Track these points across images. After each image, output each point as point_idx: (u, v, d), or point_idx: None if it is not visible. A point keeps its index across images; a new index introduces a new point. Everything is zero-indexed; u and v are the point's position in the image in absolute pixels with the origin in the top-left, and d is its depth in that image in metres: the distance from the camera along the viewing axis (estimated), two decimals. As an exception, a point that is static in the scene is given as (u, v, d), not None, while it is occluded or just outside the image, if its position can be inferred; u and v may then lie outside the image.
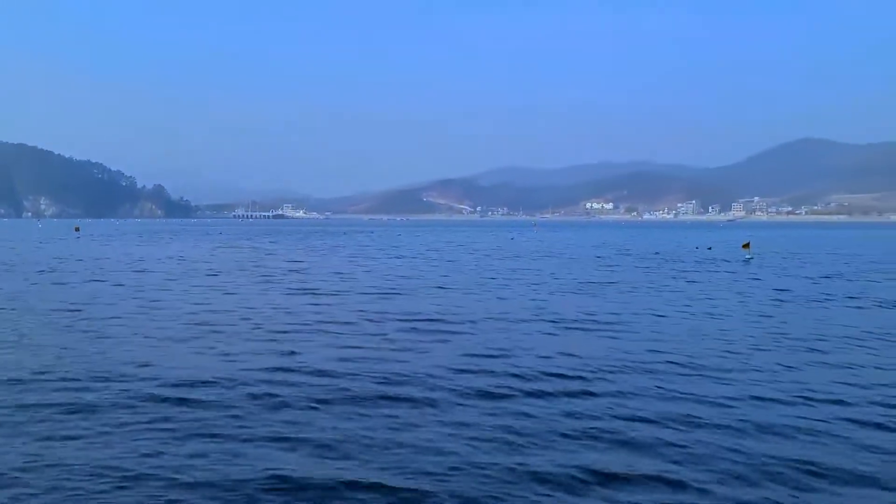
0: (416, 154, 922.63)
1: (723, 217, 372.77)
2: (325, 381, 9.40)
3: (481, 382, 9.33)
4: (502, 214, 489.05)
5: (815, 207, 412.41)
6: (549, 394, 8.77)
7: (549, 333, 13.34)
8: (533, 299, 18.65)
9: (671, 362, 10.62)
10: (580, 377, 9.64)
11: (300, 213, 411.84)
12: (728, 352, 11.53)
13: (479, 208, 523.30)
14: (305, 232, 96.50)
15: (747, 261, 35.14)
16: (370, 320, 14.76)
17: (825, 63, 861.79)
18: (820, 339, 12.69)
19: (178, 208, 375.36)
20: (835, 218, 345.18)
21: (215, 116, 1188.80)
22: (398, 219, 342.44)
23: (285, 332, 13.25)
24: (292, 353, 11.21)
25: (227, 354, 11.13)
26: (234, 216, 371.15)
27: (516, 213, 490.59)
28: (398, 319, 14.87)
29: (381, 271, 28.46)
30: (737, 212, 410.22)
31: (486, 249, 47.79)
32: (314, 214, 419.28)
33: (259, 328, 13.73)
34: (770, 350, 11.72)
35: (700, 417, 7.77)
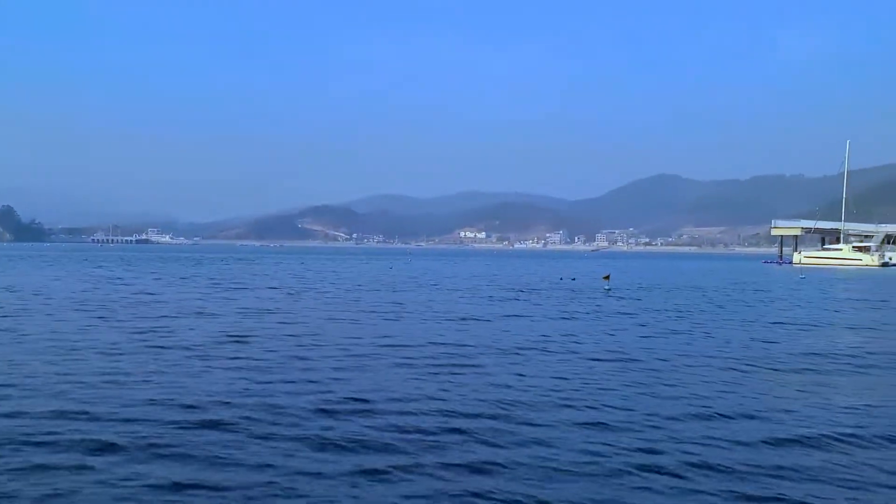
0: (292, 179, 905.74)
1: (588, 247, 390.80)
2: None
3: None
4: (378, 242, 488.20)
5: (669, 239, 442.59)
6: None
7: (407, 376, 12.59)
8: (385, 334, 17.90)
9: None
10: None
11: (166, 238, 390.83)
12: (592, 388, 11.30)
13: (355, 235, 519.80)
14: (166, 258, 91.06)
15: (606, 292, 36.21)
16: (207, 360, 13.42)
17: (679, 106, 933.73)
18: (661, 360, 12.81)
19: (28, 232, 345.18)
20: (686, 249, 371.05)
21: (78, 133, 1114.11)
22: (271, 245, 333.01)
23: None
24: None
25: None
26: (93, 240, 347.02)
27: (392, 240, 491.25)
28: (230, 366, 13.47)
29: (236, 306, 26.75)
30: (600, 242, 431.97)
31: (356, 279, 46.72)
32: (182, 240, 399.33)
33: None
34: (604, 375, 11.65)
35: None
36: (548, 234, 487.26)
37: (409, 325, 20.13)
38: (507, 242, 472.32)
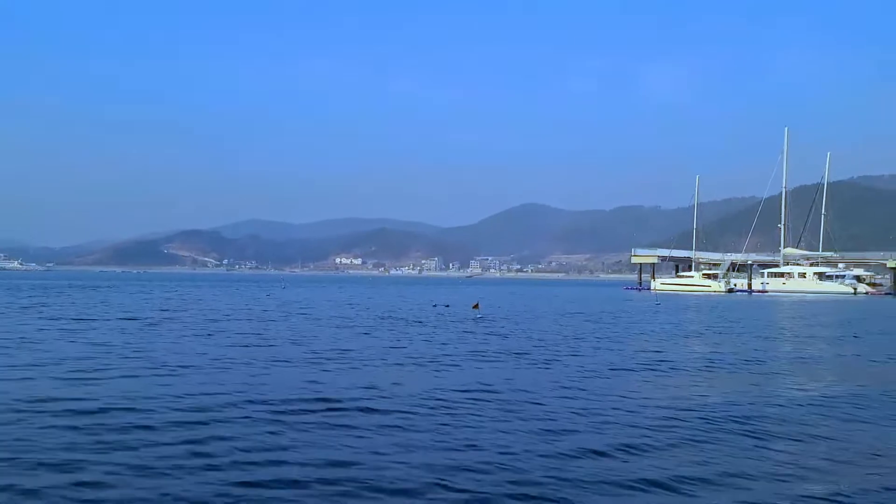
0: (158, 202, 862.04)
1: (462, 274, 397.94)
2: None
3: None
4: (250, 269, 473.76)
5: (539, 266, 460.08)
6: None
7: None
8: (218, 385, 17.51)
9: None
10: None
11: (14, 264, 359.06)
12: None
13: (225, 261, 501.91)
14: (10, 286, 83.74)
15: (477, 320, 37.14)
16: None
17: (549, 138, 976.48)
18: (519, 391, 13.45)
19: None
20: (554, 276, 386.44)
21: None
22: (134, 271, 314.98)
23: None
24: None
25: None
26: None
27: (265, 266, 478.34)
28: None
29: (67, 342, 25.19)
30: (474, 269, 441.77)
31: (219, 309, 45.18)
32: (33, 265, 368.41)
33: None
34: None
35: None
36: (423, 261, 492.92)
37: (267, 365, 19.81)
38: (383, 269, 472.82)
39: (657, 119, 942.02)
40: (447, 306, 50.16)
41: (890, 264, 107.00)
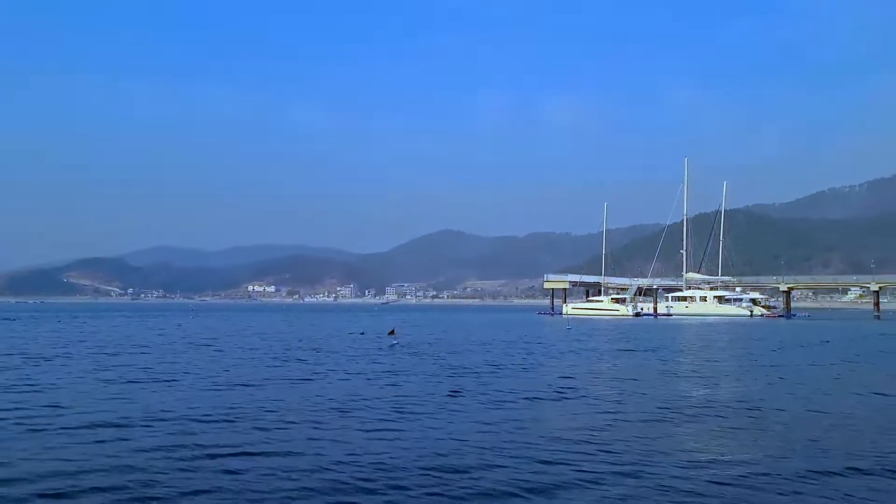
0: (57, 229, 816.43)
1: (378, 300, 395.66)
2: None
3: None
4: (158, 297, 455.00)
5: (455, 292, 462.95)
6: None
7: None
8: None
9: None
10: None
11: None
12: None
13: (130, 290, 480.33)
14: None
15: (392, 346, 37.18)
16: None
17: (460, 165, 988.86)
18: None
19: None
20: (470, 301, 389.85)
21: None
22: (30, 301, 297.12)
23: None
24: None
25: None
26: None
27: (173, 295, 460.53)
28: None
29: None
30: (390, 295, 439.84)
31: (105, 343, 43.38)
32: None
33: None
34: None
35: None
36: (339, 288, 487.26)
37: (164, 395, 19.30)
38: (297, 296, 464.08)
39: (566, 148, 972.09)
40: (362, 333, 49.99)
41: (782, 288, 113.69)
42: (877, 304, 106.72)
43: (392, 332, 44.77)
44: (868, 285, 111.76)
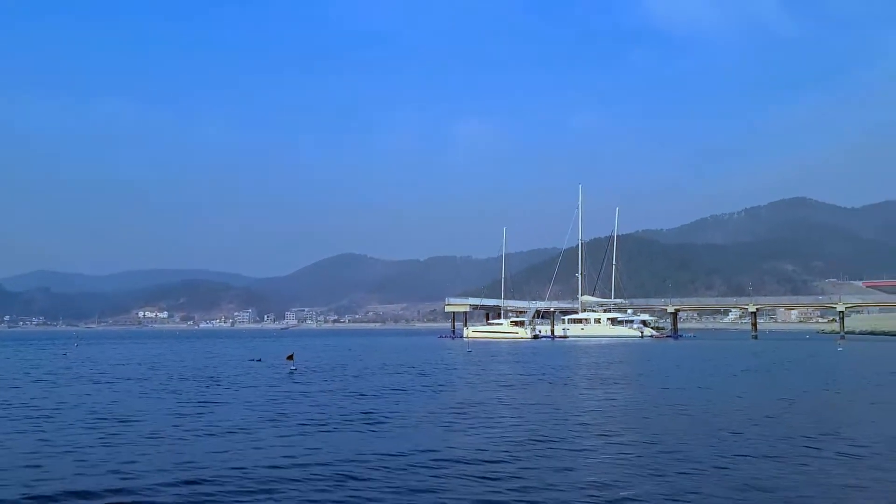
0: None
1: (277, 325, 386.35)
2: None
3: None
4: (38, 324, 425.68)
5: (357, 316, 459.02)
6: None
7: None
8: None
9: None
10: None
11: None
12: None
13: (7, 317, 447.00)
14: None
15: (291, 372, 36.55)
16: None
17: (360, 186, 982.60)
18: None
19: None
20: (372, 325, 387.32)
21: None
22: None
23: None
24: None
25: None
26: None
27: (55, 322, 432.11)
28: None
29: None
30: (290, 321, 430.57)
31: None
32: None
33: None
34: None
35: None
36: (236, 313, 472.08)
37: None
38: (191, 322, 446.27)
39: (468, 172, 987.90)
40: (259, 360, 48.84)
41: (670, 309, 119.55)
42: (754, 324, 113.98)
43: (290, 358, 43.82)
44: (747, 307, 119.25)
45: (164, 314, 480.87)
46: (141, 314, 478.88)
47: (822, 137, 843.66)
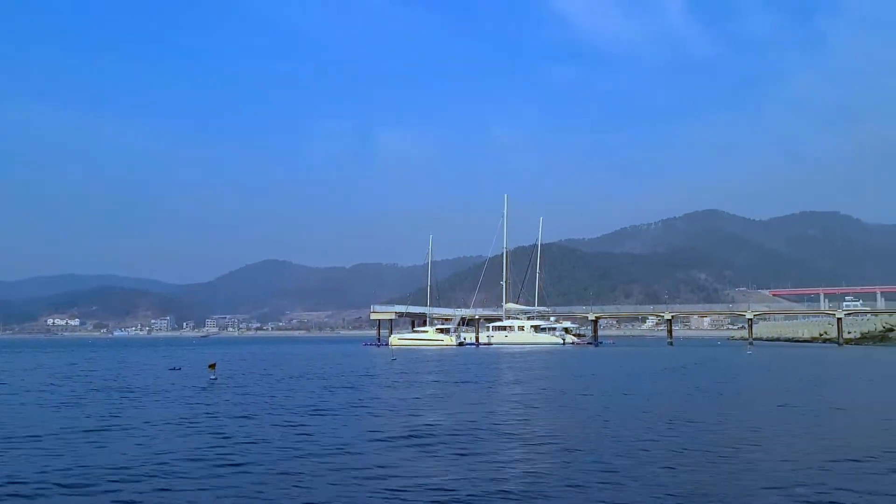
0: None
1: (197, 333, 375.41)
2: None
3: None
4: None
5: (280, 324, 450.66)
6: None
7: None
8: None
9: None
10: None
11: None
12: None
13: None
14: None
15: (212, 382, 35.83)
16: None
17: (286, 192, 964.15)
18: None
19: None
20: (296, 333, 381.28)
21: None
22: None
23: None
24: None
25: None
26: None
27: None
28: None
29: None
30: (210, 328, 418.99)
31: None
32: None
33: None
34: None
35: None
36: (153, 321, 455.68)
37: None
38: (105, 330, 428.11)
39: (395, 180, 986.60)
40: (179, 369, 47.61)
41: (591, 317, 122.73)
42: (670, 331, 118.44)
43: (212, 367, 42.94)
44: (663, 315, 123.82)
45: (76, 321, 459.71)
46: (50, 321, 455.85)
47: (734, 154, 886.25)
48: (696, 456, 14.23)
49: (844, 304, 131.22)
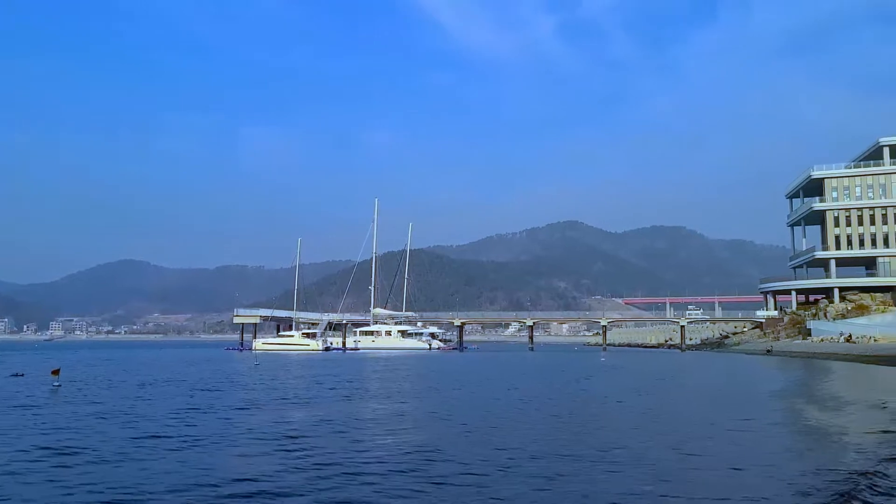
0: None
1: (40, 336, 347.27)
2: None
3: None
4: None
5: (135, 327, 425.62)
6: None
7: None
8: None
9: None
10: None
11: None
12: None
13: None
14: None
15: (56, 388, 33.90)
16: None
17: (143, 189, 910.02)
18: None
19: None
20: (152, 337, 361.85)
21: None
22: None
23: None
24: None
25: None
26: None
27: None
28: None
29: None
30: (55, 331, 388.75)
31: None
32: None
33: None
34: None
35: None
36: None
37: None
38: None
39: (263, 180, 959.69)
40: (22, 375, 44.53)
41: (456, 322, 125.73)
42: (531, 337, 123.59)
43: (56, 373, 40.33)
44: (525, 321, 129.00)
45: None
46: None
47: (593, 167, 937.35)
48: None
49: (688, 312, 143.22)
